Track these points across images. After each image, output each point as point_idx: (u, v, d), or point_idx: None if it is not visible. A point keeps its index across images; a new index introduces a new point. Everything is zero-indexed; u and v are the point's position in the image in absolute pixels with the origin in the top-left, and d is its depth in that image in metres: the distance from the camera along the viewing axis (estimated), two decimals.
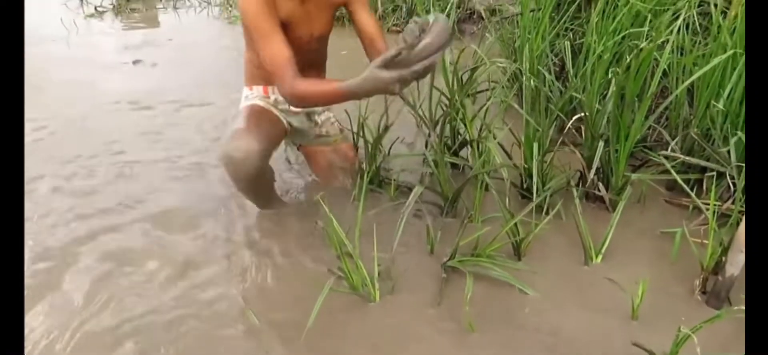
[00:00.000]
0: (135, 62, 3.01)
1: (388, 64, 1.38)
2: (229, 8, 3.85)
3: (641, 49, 1.82)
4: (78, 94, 2.66)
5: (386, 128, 1.96)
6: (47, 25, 3.45)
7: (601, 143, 1.81)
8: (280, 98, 1.83)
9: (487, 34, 3.00)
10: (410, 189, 1.99)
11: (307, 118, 1.97)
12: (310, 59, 1.82)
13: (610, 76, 2.10)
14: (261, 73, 1.80)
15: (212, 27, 3.62)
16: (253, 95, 1.87)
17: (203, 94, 2.68)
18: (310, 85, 1.58)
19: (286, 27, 1.64)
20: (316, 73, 1.90)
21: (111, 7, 3.81)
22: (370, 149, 1.96)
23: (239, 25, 3.58)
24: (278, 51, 1.57)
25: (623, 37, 2.21)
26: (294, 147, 2.15)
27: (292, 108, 1.86)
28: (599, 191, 1.88)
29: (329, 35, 1.87)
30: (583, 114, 1.91)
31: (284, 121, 1.87)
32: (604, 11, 2.29)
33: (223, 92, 2.71)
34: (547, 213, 1.82)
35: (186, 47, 3.28)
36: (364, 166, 1.98)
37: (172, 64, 3.04)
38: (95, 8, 3.77)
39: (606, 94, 2.08)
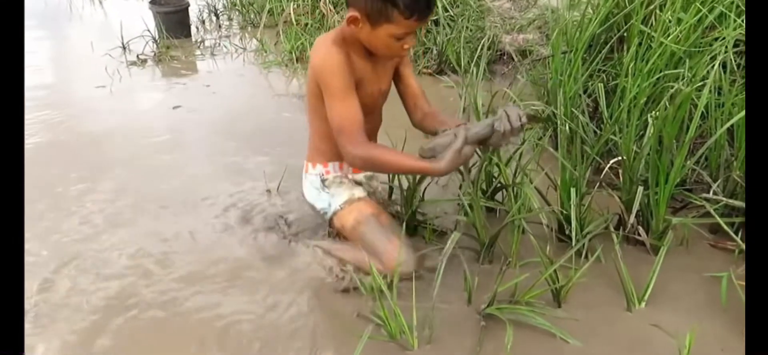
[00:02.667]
0: (175, 108, 3.12)
1: (470, 141, 1.52)
2: (264, 54, 3.96)
3: (678, 92, 1.82)
4: (121, 139, 2.76)
5: (421, 180, 1.98)
6: (93, 74, 3.60)
7: (641, 188, 1.78)
8: (355, 176, 1.86)
9: (518, 77, 3.01)
10: (445, 233, 2.00)
11: (371, 188, 1.97)
12: (374, 119, 1.84)
13: (646, 118, 2.08)
14: (330, 148, 1.76)
15: (248, 73, 3.72)
16: (332, 177, 1.82)
17: (238, 138, 2.77)
18: (385, 152, 1.60)
19: (357, 86, 1.64)
20: (372, 135, 1.89)
21: (152, 55, 3.96)
22: (405, 194, 1.97)
23: (272, 71, 3.72)
24: (355, 111, 1.58)
25: (658, 79, 2.21)
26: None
27: (365, 184, 1.89)
28: (639, 235, 1.85)
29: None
30: (620, 158, 1.89)
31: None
32: (637, 53, 2.29)
33: (263, 128, 2.81)
34: (586, 258, 1.80)
35: (223, 93, 3.38)
36: (399, 210, 1.99)
37: (210, 109, 3.14)
38: (137, 56, 3.92)
39: (642, 135, 2.07)
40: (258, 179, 2.36)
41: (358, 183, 1.90)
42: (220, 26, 4.71)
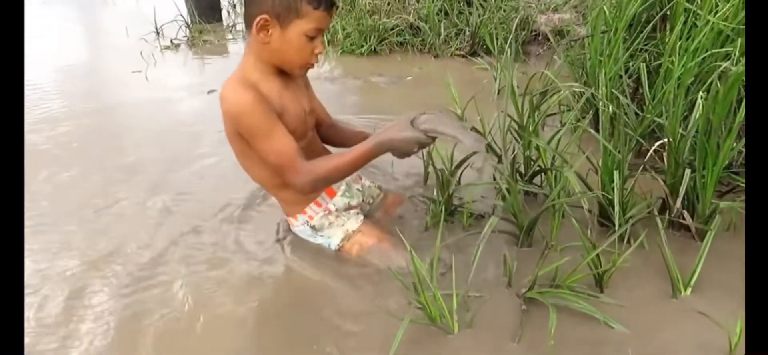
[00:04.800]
0: (209, 92, 3.15)
1: (414, 123, 1.51)
2: None
3: (727, 71, 1.75)
4: (161, 122, 2.80)
5: (461, 162, 1.95)
6: (129, 59, 3.66)
7: (688, 171, 1.73)
8: (336, 201, 1.80)
9: (555, 57, 2.94)
10: (483, 217, 1.98)
11: (359, 194, 1.91)
12: (312, 144, 1.77)
13: (691, 99, 2.01)
14: (294, 195, 1.73)
15: None
16: (318, 219, 1.77)
17: None
18: (328, 162, 1.57)
19: (281, 115, 1.56)
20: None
21: (185, 39, 4.00)
22: (442, 178, 1.95)
23: None
24: (286, 142, 1.53)
25: (704, 59, 2.13)
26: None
27: (352, 202, 1.83)
28: (684, 219, 1.80)
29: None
30: (665, 140, 1.84)
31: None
32: (682, 32, 2.22)
33: None
34: (628, 242, 1.76)
35: None
36: (435, 195, 1.98)
37: None
38: (171, 41, 3.97)
39: (686, 116, 2.00)
40: None
41: (349, 205, 1.83)
42: None
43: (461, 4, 3.75)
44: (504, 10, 3.59)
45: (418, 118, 1.53)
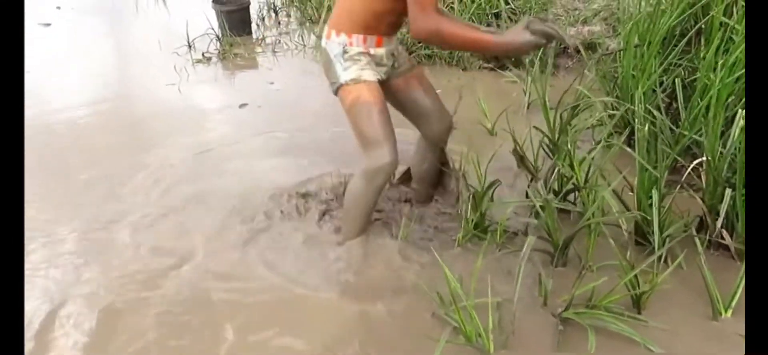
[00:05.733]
0: (241, 106, 3.20)
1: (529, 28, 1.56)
2: None
3: None
4: (195, 136, 2.86)
5: (493, 183, 1.96)
6: (162, 72, 3.73)
7: (729, 190, 1.70)
8: (377, 51, 1.80)
9: (586, 71, 2.92)
10: (516, 234, 1.98)
11: (392, 59, 1.90)
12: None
13: (729, 115, 1.98)
14: (362, 20, 1.73)
15: (308, 68, 3.78)
16: (353, 52, 1.77)
17: (308, 131, 2.83)
18: (455, 25, 1.61)
19: None
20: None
21: (216, 52, 4.07)
22: (467, 195, 1.95)
23: None
24: None
25: (742, 74, 2.09)
26: None
27: (385, 58, 1.83)
28: (723, 239, 1.78)
29: None
30: (704, 159, 1.81)
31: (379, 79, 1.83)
32: (718, 46, 2.19)
33: (324, 127, 2.84)
34: (666, 262, 1.74)
35: (287, 90, 3.45)
36: (461, 210, 1.98)
37: (275, 106, 3.21)
38: (202, 54, 4.04)
39: (723, 132, 1.97)
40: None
41: (379, 63, 1.83)
42: (279, 23, 4.79)
43: (489, 17, 3.75)
44: None
45: (531, 24, 1.58)
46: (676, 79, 2.30)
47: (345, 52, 1.77)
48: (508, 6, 3.75)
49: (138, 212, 2.24)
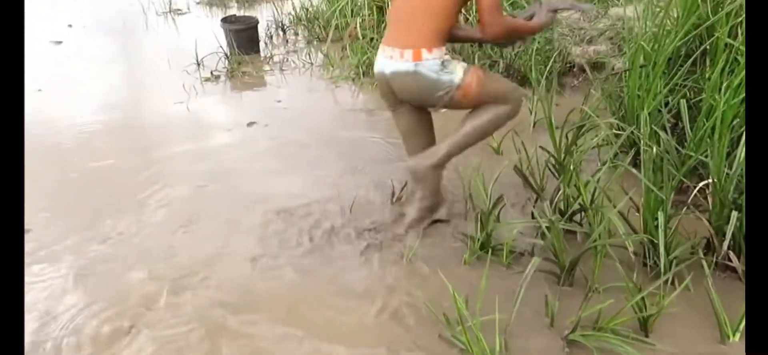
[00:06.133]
0: (249, 124, 3.23)
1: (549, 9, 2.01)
2: (331, 68, 4.04)
3: None
4: (203, 154, 2.88)
5: (498, 199, 1.96)
6: (171, 90, 3.78)
7: (735, 212, 1.70)
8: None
9: (592, 91, 2.94)
10: (522, 254, 1.98)
11: None
12: None
13: (735, 136, 1.99)
14: (445, 35, 1.98)
15: (316, 86, 3.81)
16: (447, 59, 1.97)
17: (315, 149, 2.85)
18: (515, 22, 1.97)
19: None
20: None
21: (225, 70, 4.11)
22: (480, 217, 1.96)
23: (339, 86, 3.78)
24: None
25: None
26: None
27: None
28: (730, 261, 1.77)
29: None
30: (710, 180, 1.82)
31: None
32: (724, 68, 2.20)
33: (331, 145, 2.87)
34: (672, 284, 1.73)
35: (294, 108, 3.48)
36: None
37: (282, 123, 3.24)
38: (211, 72, 4.09)
39: (729, 153, 1.97)
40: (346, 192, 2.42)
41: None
42: (286, 41, 4.85)
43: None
44: (538, 42, 3.60)
45: (551, 4, 1.98)
46: (682, 100, 2.30)
47: (444, 62, 1.96)
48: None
49: (143, 229, 2.26)
